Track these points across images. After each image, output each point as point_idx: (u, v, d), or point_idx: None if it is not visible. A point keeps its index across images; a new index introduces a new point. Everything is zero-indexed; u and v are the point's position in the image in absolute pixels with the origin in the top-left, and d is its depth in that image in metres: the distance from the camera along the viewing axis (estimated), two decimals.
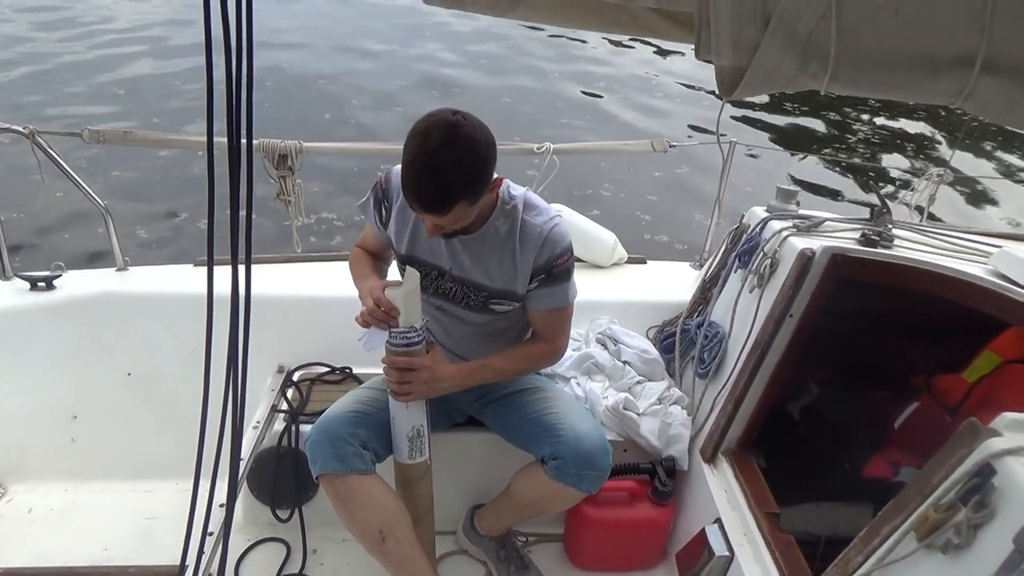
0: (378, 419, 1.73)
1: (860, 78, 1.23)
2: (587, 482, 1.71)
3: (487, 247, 1.68)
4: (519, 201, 1.69)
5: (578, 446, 1.68)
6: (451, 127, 1.41)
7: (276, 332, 2.22)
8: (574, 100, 8.49)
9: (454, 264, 1.72)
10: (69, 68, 7.83)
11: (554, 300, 1.75)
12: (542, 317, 1.79)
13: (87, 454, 2.33)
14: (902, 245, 1.93)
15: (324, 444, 1.67)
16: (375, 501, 1.69)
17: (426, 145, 1.41)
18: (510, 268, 1.69)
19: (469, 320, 1.80)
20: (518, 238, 1.67)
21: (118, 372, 2.38)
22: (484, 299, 1.74)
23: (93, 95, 7.07)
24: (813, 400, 2.49)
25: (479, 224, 1.66)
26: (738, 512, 1.82)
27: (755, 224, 2.12)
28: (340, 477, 1.66)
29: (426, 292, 1.78)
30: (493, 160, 1.50)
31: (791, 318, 1.86)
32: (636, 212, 5.69)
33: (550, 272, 1.69)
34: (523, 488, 1.84)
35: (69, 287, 2.39)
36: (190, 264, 2.61)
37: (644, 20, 1.32)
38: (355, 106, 7.51)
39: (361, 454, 1.67)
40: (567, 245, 1.69)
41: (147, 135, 2.58)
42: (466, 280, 1.73)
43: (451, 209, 1.46)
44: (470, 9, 1.34)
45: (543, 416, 1.79)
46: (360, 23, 10.87)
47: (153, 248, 4.54)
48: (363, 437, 1.69)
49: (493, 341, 1.85)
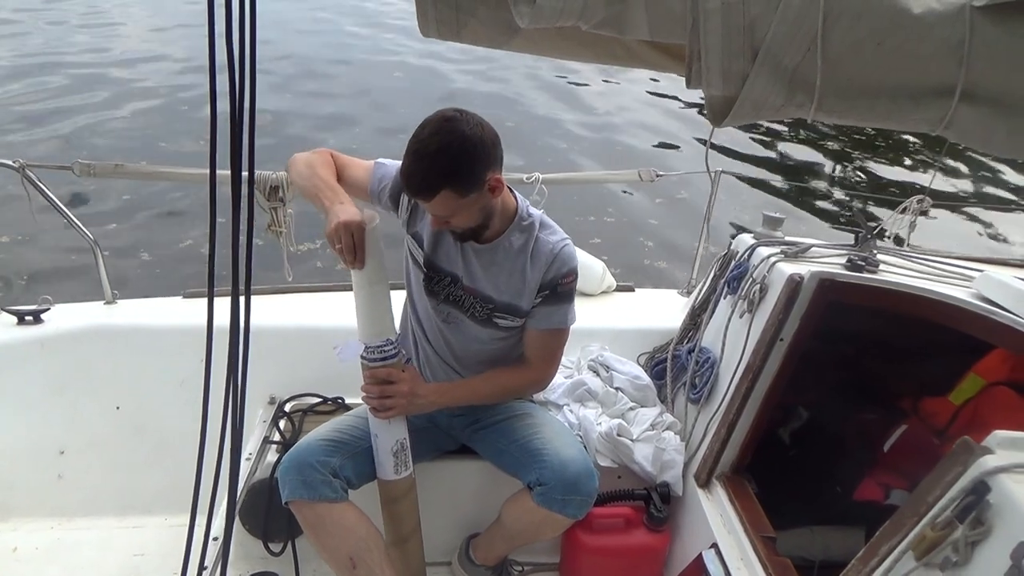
0: (354, 447, 1.75)
1: (845, 107, 1.27)
2: (572, 507, 1.72)
3: (499, 258, 1.74)
4: (536, 220, 1.77)
5: (563, 471, 1.70)
6: (445, 120, 1.53)
7: (268, 363, 2.20)
8: (568, 124, 8.58)
9: (466, 273, 1.77)
10: (60, 102, 7.82)
11: (554, 320, 1.79)
12: (538, 338, 1.82)
13: (74, 490, 2.29)
14: (887, 269, 1.98)
15: (292, 471, 1.69)
16: (345, 528, 1.70)
17: (420, 135, 1.53)
18: (519, 282, 1.74)
19: (472, 334, 1.82)
20: (530, 253, 1.74)
21: (107, 406, 2.35)
22: (489, 311, 1.77)
23: (86, 130, 7.05)
24: (803, 424, 2.51)
25: (494, 235, 1.74)
26: (734, 537, 1.83)
27: (743, 251, 2.16)
28: (308, 504, 1.68)
29: (436, 298, 1.82)
30: (486, 157, 1.56)
31: (781, 342, 1.89)
32: (625, 240, 5.74)
33: (555, 290, 1.75)
34: (512, 516, 1.84)
35: (57, 321, 2.37)
36: (179, 296, 2.60)
37: (637, 52, 1.36)
38: (348, 134, 7.55)
39: (330, 482, 1.68)
40: (574, 267, 1.77)
41: (139, 168, 2.59)
42: (475, 291, 1.77)
43: (435, 195, 1.54)
44: (467, 41, 1.37)
45: (530, 441, 1.80)
46: (345, 50, 10.99)
47: (142, 281, 4.50)
48: (334, 465, 1.70)
49: (491, 364, 1.87)
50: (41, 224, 4.46)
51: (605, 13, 1.21)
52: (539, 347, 1.84)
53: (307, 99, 8.47)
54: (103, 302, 2.51)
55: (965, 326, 1.83)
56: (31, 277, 4.54)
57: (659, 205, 6.34)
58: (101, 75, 8.83)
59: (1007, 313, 1.76)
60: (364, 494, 1.78)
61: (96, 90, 8.21)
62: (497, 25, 1.30)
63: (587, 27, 1.23)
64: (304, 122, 7.72)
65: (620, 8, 1.21)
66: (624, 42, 1.34)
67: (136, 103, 7.87)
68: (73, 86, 8.29)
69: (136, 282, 4.40)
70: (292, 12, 12.16)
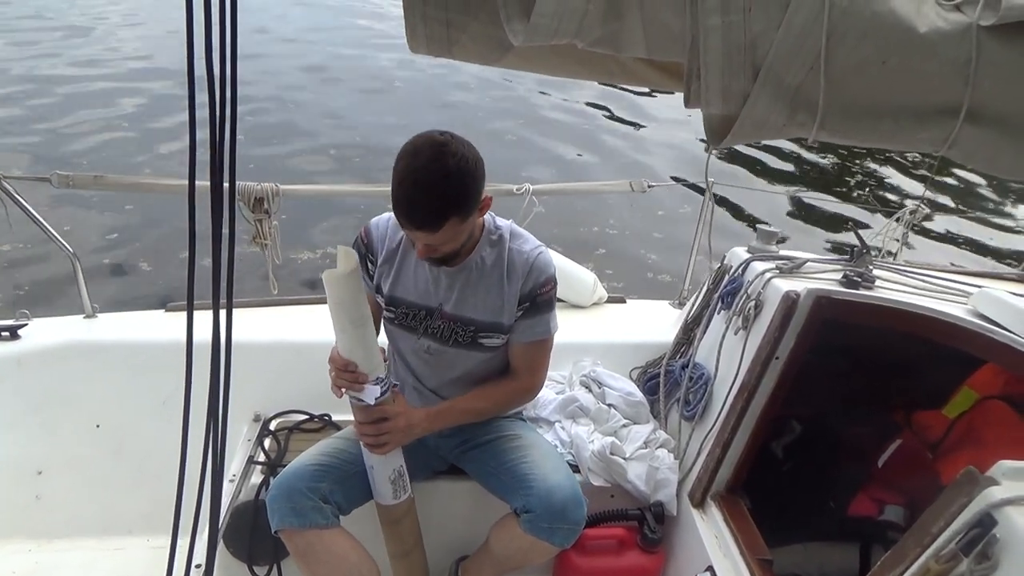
0: (343, 471, 1.70)
1: (848, 127, 1.24)
2: (559, 536, 1.67)
3: (473, 277, 1.69)
4: (505, 231, 1.71)
5: (549, 498, 1.65)
6: (439, 145, 1.45)
7: (252, 379, 2.15)
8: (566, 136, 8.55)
9: (443, 300, 1.71)
10: (40, 112, 7.70)
11: (537, 331, 1.74)
12: (523, 351, 1.78)
13: (53, 511, 2.23)
14: (883, 286, 1.95)
15: (282, 499, 1.64)
16: (337, 556, 1.66)
17: (415, 163, 1.43)
18: (496, 299, 1.69)
19: (459, 361, 1.78)
20: (505, 267, 1.68)
21: (86, 424, 2.29)
22: (473, 334, 1.73)
23: (60, 140, 6.93)
24: (796, 438, 2.48)
25: (465, 255, 1.67)
26: (730, 559, 1.79)
27: (737, 265, 2.13)
28: (298, 532, 1.63)
29: (415, 333, 1.77)
30: (482, 177, 1.52)
31: (777, 360, 1.86)
32: (617, 251, 5.73)
33: (535, 300, 1.70)
34: (499, 541, 1.80)
35: (35, 336, 2.31)
36: (161, 311, 2.54)
37: (634, 70, 1.32)
38: (333, 144, 7.48)
39: (321, 508, 1.64)
40: (552, 274, 1.72)
41: (118, 179, 2.51)
42: (455, 316, 1.72)
43: (443, 225, 1.47)
44: (458, 58, 1.33)
45: (518, 465, 1.76)
46: (334, 59, 10.91)
47: (123, 294, 4.42)
48: (324, 491, 1.66)
49: (477, 379, 1.83)
50: (19, 237, 4.41)
51: (601, 31, 1.17)
52: (525, 359, 1.80)
53: (293, 108, 8.40)
54: (83, 316, 2.45)
55: (961, 343, 1.81)
56: (8, 291, 4.45)
57: (652, 217, 6.33)
58: (82, 85, 8.73)
59: (1004, 331, 1.74)
60: (356, 519, 1.74)
61: (76, 100, 8.11)
62: (489, 42, 1.26)
63: (583, 45, 1.20)
64: (289, 131, 7.65)
65: (617, 26, 1.18)
66: (620, 59, 1.30)
67: (116, 112, 7.77)
68: (50, 95, 8.17)
69: (117, 296, 4.32)
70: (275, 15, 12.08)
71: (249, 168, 5.62)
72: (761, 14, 1.14)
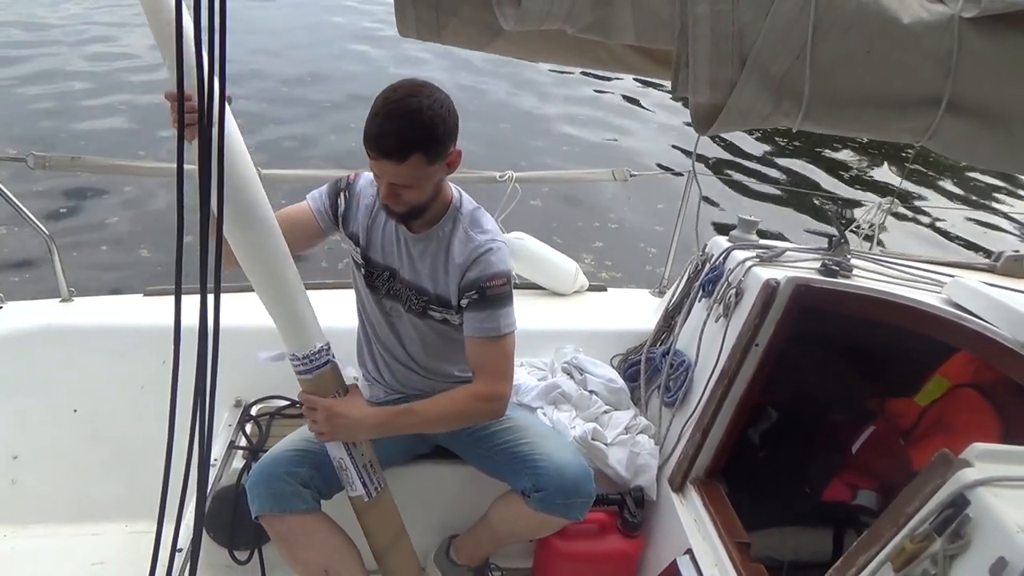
0: (323, 456, 1.69)
1: (832, 117, 1.26)
2: (575, 510, 1.71)
3: (431, 248, 1.70)
4: (467, 214, 1.71)
5: (560, 476, 1.67)
6: (417, 85, 1.51)
7: (232, 364, 2.13)
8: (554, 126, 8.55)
9: (401, 265, 1.73)
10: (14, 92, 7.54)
11: (486, 327, 1.66)
12: (475, 347, 1.69)
13: (28, 496, 2.20)
14: (860, 275, 1.99)
15: (261, 484, 1.65)
16: (318, 540, 1.67)
17: (391, 96, 1.49)
18: (443, 272, 1.70)
19: (413, 328, 1.79)
20: (454, 243, 1.68)
21: (63, 409, 2.26)
22: (424, 304, 1.74)
23: (41, 124, 6.81)
24: (772, 425, 2.53)
25: (428, 224, 1.69)
26: (709, 542, 1.83)
27: (718, 254, 2.16)
28: (278, 517, 1.65)
29: (378, 293, 1.79)
30: (454, 127, 1.55)
31: (757, 347, 1.89)
32: (596, 240, 5.76)
33: (483, 293, 1.65)
34: (504, 518, 1.82)
35: (9, 319, 2.27)
36: (139, 295, 2.51)
37: (622, 57, 1.33)
38: (323, 127, 7.41)
39: (300, 493, 1.65)
40: (503, 271, 1.66)
41: (97, 161, 2.47)
42: (410, 283, 1.74)
43: (408, 157, 1.49)
44: (447, 42, 1.33)
45: (517, 446, 1.76)
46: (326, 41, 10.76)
47: (100, 278, 4.36)
48: (303, 476, 1.67)
49: (439, 352, 1.83)
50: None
51: (591, 17, 1.18)
52: (479, 357, 1.70)
53: (281, 96, 8.30)
54: (59, 300, 2.41)
55: (935, 331, 1.85)
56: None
57: (634, 204, 6.36)
58: (61, 66, 8.53)
59: (976, 319, 1.78)
60: (336, 504, 1.74)
61: (56, 82, 7.94)
62: (479, 26, 1.27)
63: (573, 31, 1.20)
64: (281, 116, 7.56)
65: (606, 11, 1.19)
66: (609, 46, 1.31)
67: (100, 97, 7.63)
68: (30, 77, 8.01)
69: (94, 279, 4.25)
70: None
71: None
72: (749, 3, 1.16)
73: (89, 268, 4.48)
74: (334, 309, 1.88)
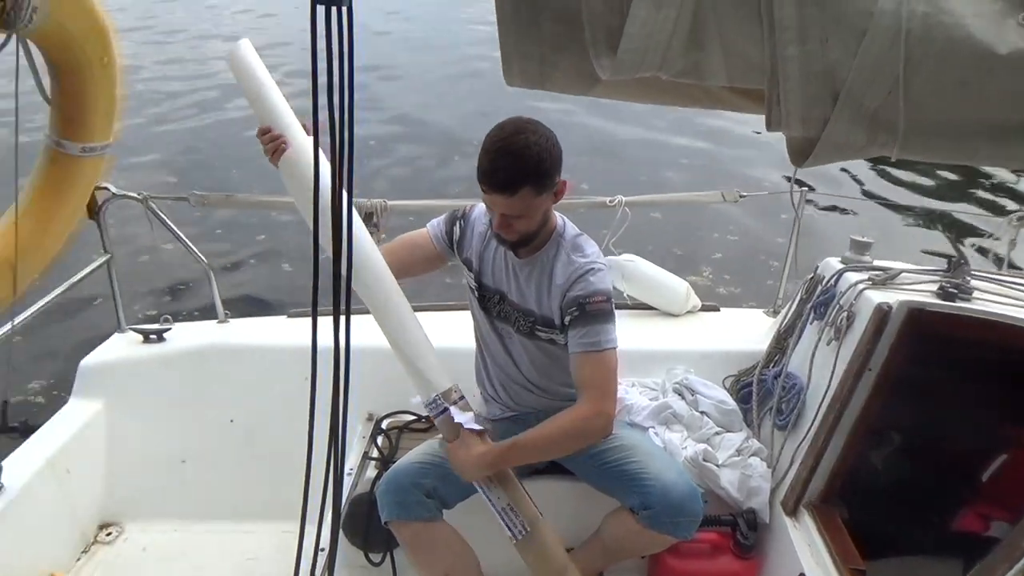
0: (445, 468, 1.82)
1: (929, 146, 1.27)
2: (682, 529, 1.78)
3: (536, 272, 1.83)
4: (569, 236, 1.85)
5: (666, 496, 1.73)
6: (523, 123, 1.68)
7: (366, 380, 2.32)
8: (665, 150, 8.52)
9: (510, 288, 1.87)
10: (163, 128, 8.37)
11: (587, 341, 1.75)
12: (579, 364, 1.78)
13: (194, 497, 2.50)
14: (981, 297, 1.92)
15: (389, 493, 1.83)
16: (440, 546, 1.83)
17: (500, 134, 1.66)
18: (546, 294, 1.82)
19: (525, 347, 1.92)
20: (557, 267, 1.81)
21: (221, 419, 2.55)
22: (531, 324, 1.86)
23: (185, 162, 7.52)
24: (895, 449, 2.44)
25: (535, 248, 1.83)
26: (823, 568, 1.82)
27: (830, 276, 2.14)
28: (404, 524, 1.82)
29: (490, 315, 1.95)
30: (558, 160, 1.69)
31: (870, 372, 1.87)
32: (709, 261, 5.69)
33: (583, 308, 1.75)
34: (615, 534, 1.89)
35: (178, 339, 2.59)
36: (284, 316, 2.79)
37: (718, 96, 1.39)
38: (437, 158, 7.74)
39: (424, 502, 1.80)
40: (603, 289, 1.77)
41: (247, 198, 2.80)
42: (518, 305, 1.87)
43: (518, 191, 1.64)
44: (550, 89, 1.44)
45: (626, 464, 1.83)
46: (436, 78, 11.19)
47: (249, 301, 4.83)
48: (428, 486, 1.82)
49: (549, 371, 1.95)
50: (160, 249, 4.92)
51: (684, 63, 1.25)
52: (582, 374, 1.78)
53: (402, 129, 8.70)
54: (216, 321, 2.73)
55: None
56: (153, 298, 4.95)
57: (747, 226, 6.23)
58: (202, 101, 9.36)
59: None
60: (459, 513, 1.88)
61: (198, 118, 8.72)
62: (579, 75, 1.36)
63: (667, 76, 1.28)
64: (401, 150, 7.96)
65: (698, 57, 1.26)
66: (703, 86, 1.38)
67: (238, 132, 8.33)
68: (175, 114, 8.85)
69: (243, 302, 4.71)
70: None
71: (359, 186, 5.96)
72: (838, 43, 1.19)
73: (240, 293, 4.95)
74: (457, 329, 2.04)
